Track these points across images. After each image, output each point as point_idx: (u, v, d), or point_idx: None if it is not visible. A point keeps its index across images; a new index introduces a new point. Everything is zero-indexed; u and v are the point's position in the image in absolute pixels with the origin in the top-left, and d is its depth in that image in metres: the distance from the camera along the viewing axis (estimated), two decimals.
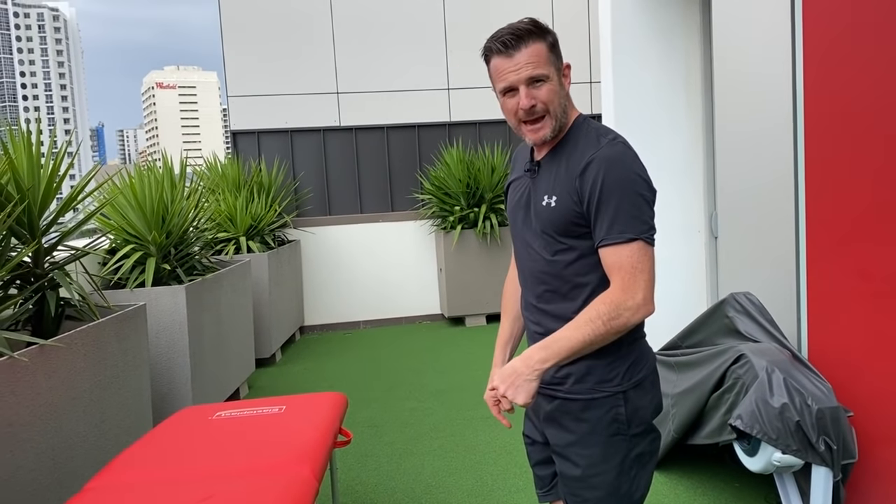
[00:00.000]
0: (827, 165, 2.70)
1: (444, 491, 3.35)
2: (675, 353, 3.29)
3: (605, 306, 1.56)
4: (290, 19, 7.00)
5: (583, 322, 1.57)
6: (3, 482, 2.26)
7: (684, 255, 4.40)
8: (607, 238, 1.57)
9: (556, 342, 1.57)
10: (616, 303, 1.56)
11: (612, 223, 1.57)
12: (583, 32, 7.39)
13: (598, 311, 1.56)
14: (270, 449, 2.24)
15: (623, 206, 1.56)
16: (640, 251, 1.56)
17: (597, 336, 1.56)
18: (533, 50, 1.59)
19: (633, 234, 1.56)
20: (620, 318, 1.56)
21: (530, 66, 1.59)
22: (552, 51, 1.63)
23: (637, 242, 1.56)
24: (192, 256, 4.44)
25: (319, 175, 7.21)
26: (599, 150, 1.61)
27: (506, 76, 1.61)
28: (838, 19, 2.62)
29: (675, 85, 4.33)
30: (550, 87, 1.62)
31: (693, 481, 3.28)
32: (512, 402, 1.58)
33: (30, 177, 2.97)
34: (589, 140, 1.65)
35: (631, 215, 1.57)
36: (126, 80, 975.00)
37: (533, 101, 1.61)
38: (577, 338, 1.56)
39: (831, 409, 2.38)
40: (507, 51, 1.60)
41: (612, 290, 1.57)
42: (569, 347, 1.56)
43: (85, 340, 2.82)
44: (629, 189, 1.57)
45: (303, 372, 5.65)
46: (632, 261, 1.56)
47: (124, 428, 3.07)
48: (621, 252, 1.56)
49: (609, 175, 1.57)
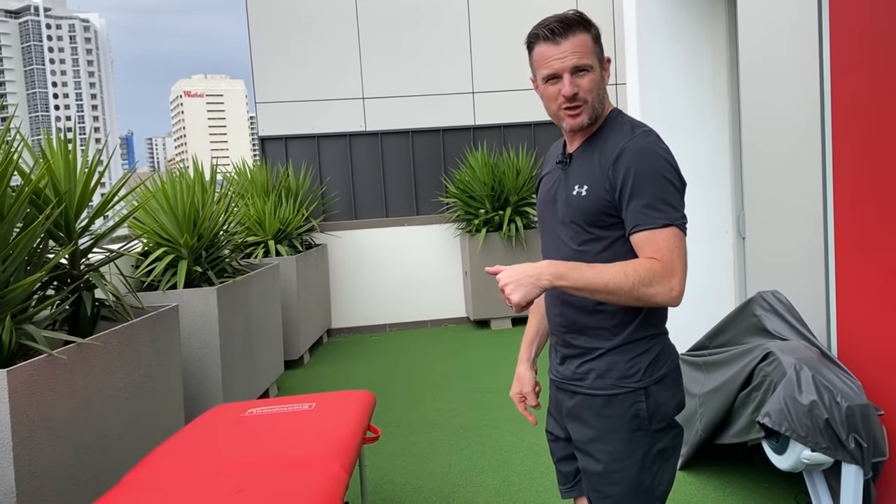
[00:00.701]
0: (855, 164, 2.68)
1: (471, 490, 3.37)
2: (702, 353, 3.28)
3: (643, 268, 1.54)
4: (317, 26, 7.09)
5: (614, 270, 1.54)
6: (43, 476, 2.33)
7: (712, 256, 4.38)
8: (642, 224, 1.58)
9: (578, 270, 1.55)
10: (654, 272, 1.53)
11: (646, 209, 1.57)
12: (608, 35, 7.38)
13: (634, 269, 1.54)
14: (301, 444, 2.28)
15: (657, 193, 1.58)
16: (675, 237, 1.57)
17: (620, 289, 1.53)
18: (579, 40, 1.62)
19: (667, 220, 1.57)
20: (651, 289, 1.53)
21: (576, 55, 1.62)
22: (596, 43, 1.66)
23: (672, 228, 1.57)
24: (222, 259, 4.52)
25: (346, 179, 7.29)
26: (633, 140, 1.63)
27: (551, 63, 1.64)
28: (866, 15, 2.61)
29: (701, 85, 4.32)
30: (593, 77, 1.64)
31: (721, 481, 3.26)
32: (507, 299, 1.55)
33: (66, 181, 3.05)
34: (623, 131, 1.67)
35: (665, 202, 1.58)
36: (154, 90, 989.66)
37: (575, 90, 1.63)
38: (601, 278, 1.53)
39: (861, 407, 2.36)
40: (553, 38, 1.63)
41: (653, 262, 1.55)
42: (586, 281, 1.54)
43: (120, 340, 2.89)
44: (662, 177, 1.59)
45: (330, 373, 5.70)
46: (668, 244, 1.56)
47: (157, 426, 3.13)
48: (657, 236, 1.57)
49: (643, 162, 1.60)
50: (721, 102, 4.33)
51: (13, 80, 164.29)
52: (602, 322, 1.69)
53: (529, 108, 7.13)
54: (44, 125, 24.87)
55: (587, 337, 1.72)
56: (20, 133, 2.84)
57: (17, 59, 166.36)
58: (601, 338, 1.70)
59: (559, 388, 1.82)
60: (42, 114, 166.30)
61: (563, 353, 1.79)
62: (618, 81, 7.36)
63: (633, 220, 1.60)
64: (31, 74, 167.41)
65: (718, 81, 4.30)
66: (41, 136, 3.22)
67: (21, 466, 2.22)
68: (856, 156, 2.68)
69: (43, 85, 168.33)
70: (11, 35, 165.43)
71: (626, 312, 1.67)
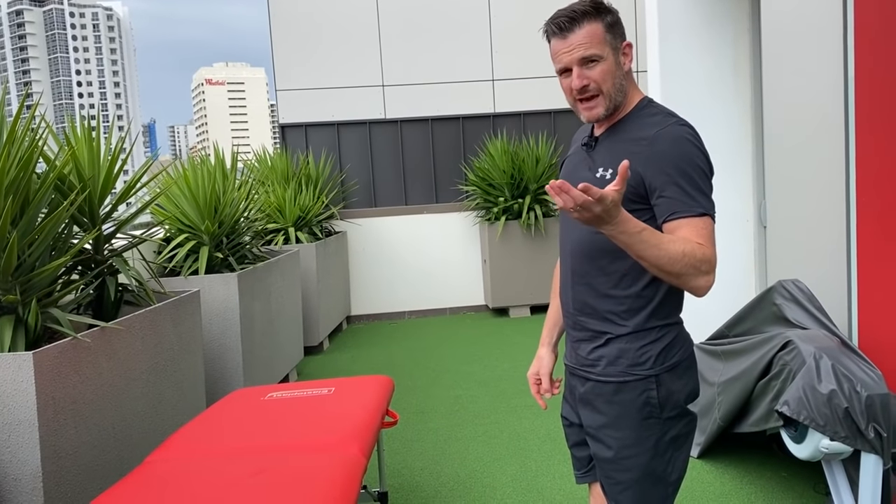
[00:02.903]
0: (878, 153, 2.65)
1: (488, 476, 3.39)
2: (721, 341, 3.26)
3: (699, 252, 1.51)
4: (337, 14, 7.09)
5: (674, 249, 1.48)
6: (68, 456, 2.37)
7: (734, 244, 4.35)
8: (680, 211, 1.57)
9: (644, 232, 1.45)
10: (707, 260, 1.51)
11: (683, 197, 1.57)
12: (629, 21, 7.32)
13: (693, 251, 1.50)
14: (320, 428, 2.31)
15: (693, 182, 1.58)
16: (711, 226, 1.58)
17: (671, 265, 1.48)
18: (587, 31, 1.61)
19: (703, 209, 1.57)
20: (697, 274, 1.50)
21: (582, 46, 1.61)
22: (609, 30, 1.64)
23: (707, 217, 1.58)
24: (243, 246, 4.56)
25: (365, 167, 7.31)
26: (667, 128, 1.63)
27: (560, 57, 1.65)
28: (892, 2, 2.57)
29: (723, 73, 4.28)
30: (604, 67, 1.63)
31: (740, 470, 3.26)
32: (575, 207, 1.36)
33: (90, 167, 3.09)
34: (655, 119, 1.66)
35: (700, 191, 1.58)
36: (176, 77, 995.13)
37: (585, 82, 1.63)
38: (658, 251, 1.47)
39: (881, 396, 2.34)
40: (561, 33, 1.63)
41: (704, 248, 1.52)
42: (646, 246, 1.45)
43: (142, 324, 2.93)
44: (698, 166, 1.60)
45: (350, 360, 5.75)
46: (707, 232, 1.56)
47: (180, 409, 3.18)
48: (696, 223, 1.56)
49: (679, 151, 1.59)
50: (743, 90, 4.29)
51: (38, 67, 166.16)
52: (613, 307, 1.69)
53: (549, 96, 7.10)
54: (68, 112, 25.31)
55: (597, 320, 1.72)
56: (45, 120, 2.88)
57: (41, 48, 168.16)
58: (611, 322, 1.70)
59: (572, 373, 1.83)
60: (66, 101, 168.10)
61: (575, 335, 1.80)
62: (639, 69, 7.32)
63: (669, 207, 1.58)
64: (55, 62, 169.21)
65: (740, 70, 4.26)
66: (65, 123, 3.26)
67: (47, 447, 2.27)
68: (879, 145, 2.65)
69: (67, 73, 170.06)
70: (36, 23, 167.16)
71: (639, 299, 1.67)
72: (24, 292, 2.51)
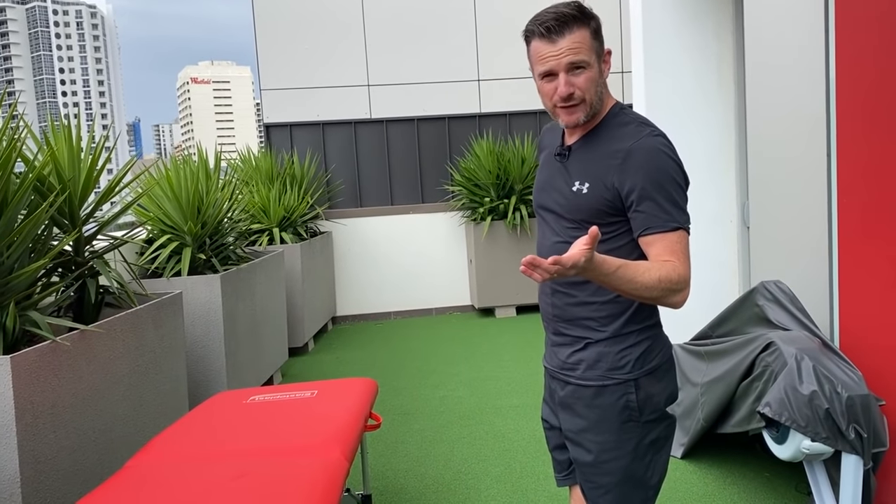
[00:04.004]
0: (859, 154, 2.67)
1: (473, 477, 3.39)
2: (705, 342, 3.28)
3: (675, 275, 1.54)
4: (322, 13, 7.06)
5: (649, 278, 1.51)
6: (47, 461, 2.35)
7: (716, 244, 4.37)
8: (653, 227, 1.58)
9: (619, 269, 1.48)
10: (681, 279, 1.55)
11: (657, 212, 1.57)
12: (614, 21, 7.35)
13: (668, 275, 1.53)
14: (303, 431, 2.30)
15: (668, 195, 1.58)
16: (684, 240, 1.59)
17: (648, 293, 1.52)
18: (576, 36, 1.58)
19: (677, 224, 1.58)
20: (674, 296, 1.55)
21: (572, 52, 1.58)
22: (595, 37, 1.62)
23: (681, 231, 1.59)
24: (226, 247, 4.53)
25: (350, 167, 7.28)
26: (641, 140, 1.61)
27: (546, 61, 1.61)
28: (872, 4, 2.58)
29: (707, 73, 4.30)
30: (589, 74, 1.61)
31: (723, 470, 3.27)
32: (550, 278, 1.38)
33: (71, 168, 3.06)
34: (629, 129, 1.65)
35: (675, 204, 1.59)
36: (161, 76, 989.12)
37: (571, 89, 1.61)
38: (634, 284, 1.50)
39: (861, 397, 2.36)
40: (549, 35, 1.59)
41: (676, 267, 1.55)
42: (622, 282, 1.49)
43: (124, 326, 2.91)
44: (672, 179, 1.59)
45: (335, 361, 5.73)
46: (681, 247, 1.58)
47: (161, 412, 3.16)
48: (670, 238, 1.58)
49: (653, 164, 1.58)
50: (727, 91, 4.30)
51: (21, 66, 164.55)
52: (592, 313, 1.70)
53: (535, 97, 6.91)
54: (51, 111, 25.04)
55: (577, 327, 1.72)
56: (23, 119, 2.85)
57: (24, 46, 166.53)
58: (590, 328, 1.70)
59: (553, 376, 1.83)
60: (49, 100, 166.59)
61: (555, 340, 1.80)
62: (624, 69, 7.34)
63: (643, 222, 1.59)
64: (38, 61, 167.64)
65: (724, 70, 4.28)
66: (46, 122, 3.22)
67: (25, 452, 2.24)
68: (861, 146, 2.66)
69: (50, 71, 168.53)
70: (19, 21, 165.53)
71: (617, 304, 1.67)
72: (2, 295, 2.48)
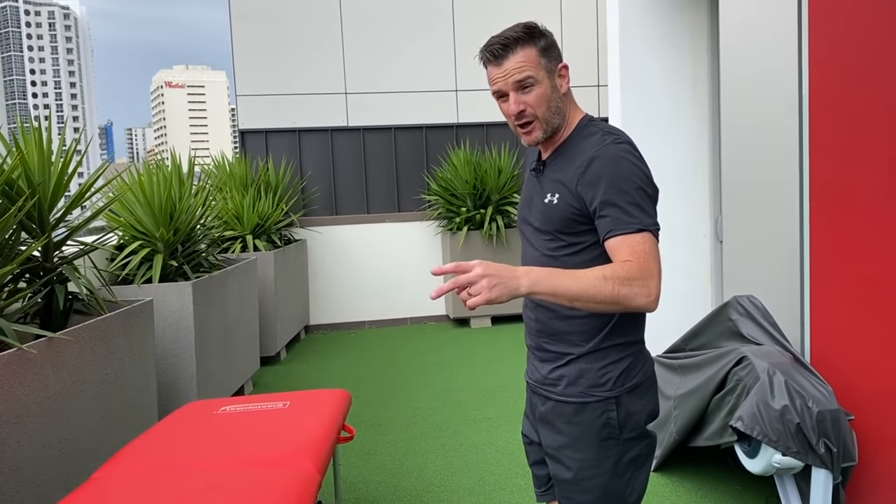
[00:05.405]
0: (831, 170, 2.71)
1: (445, 490, 3.37)
2: (678, 355, 3.30)
3: (621, 270, 1.49)
4: (300, 19, 7.04)
5: (592, 275, 1.48)
6: (10, 472, 2.29)
7: (690, 258, 4.41)
8: (616, 229, 1.55)
9: (555, 277, 1.47)
10: (632, 274, 1.49)
11: (619, 215, 1.56)
12: (591, 36, 7.41)
13: (612, 271, 1.49)
14: (274, 442, 2.26)
15: (630, 199, 1.56)
16: (649, 241, 1.55)
17: (600, 293, 1.46)
18: (520, 56, 1.62)
19: (641, 225, 1.55)
20: (630, 289, 1.47)
21: (517, 71, 1.62)
22: (544, 54, 1.64)
23: (646, 233, 1.55)
24: (198, 254, 4.47)
25: (326, 175, 7.25)
26: (603, 147, 1.61)
27: (496, 82, 1.67)
28: (844, 20, 2.63)
29: (681, 88, 4.35)
30: (539, 90, 1.64)
31: (695, 483, 3.28)
32: (466, 295, 1.43)
33: (40, 172, 3.00)
34: (594, 139, 1.66)
35: (638, 207, 1.57)
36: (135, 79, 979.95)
37: (521, 107, 1.65)
38: (579, 285, 1.46)
39: (832, 412, 2.39)
40: (495, 60, 1.65)
41: (630, 264, 1.51)
42: (566, 287, 1.46)
43: (92, 334, 2.85)
44: (634, 183, 1.58)
45: (307, 371, 5.67)
46: (644, 248, 1.53)
47: (130, 421, 3.10)
48: (632, 240, 1.54)
49: (614, 169, 1.58)
50: (701, 106, 4.36)
51: None
52: (574, 328, 1.69)
53: None
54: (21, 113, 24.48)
55: (560, 342, 1.72)
56: None
57: None
58: (572, 343, 1.70)
59: (534, 391, 1.83)
60: (20, 101, 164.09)
61: (537, 354, 1.80)
62: (600, 83, 7.41)
63: (606, 226, 1.57)
64: (8, 61, 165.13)
65: (699, 85, 4.33)
66: (15, 125, 3.16)
67: None
68: (832, 162, 2.70)
69: (21, 72, 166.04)
70: None
71: (598, 318, 1.67)
72: None
